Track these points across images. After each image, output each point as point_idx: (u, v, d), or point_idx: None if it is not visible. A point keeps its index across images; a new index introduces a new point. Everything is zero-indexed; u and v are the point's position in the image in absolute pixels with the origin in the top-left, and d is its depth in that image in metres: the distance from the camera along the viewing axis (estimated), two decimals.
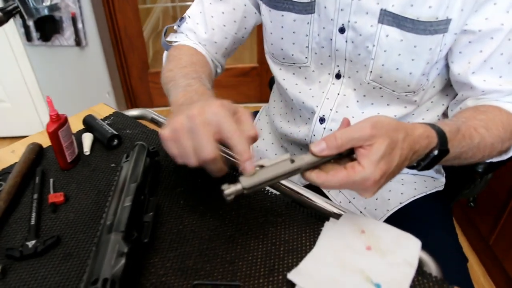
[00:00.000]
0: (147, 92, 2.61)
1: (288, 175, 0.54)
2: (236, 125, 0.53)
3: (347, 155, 0.56)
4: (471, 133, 0.65)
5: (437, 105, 0.85)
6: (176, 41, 0.90)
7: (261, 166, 0.53)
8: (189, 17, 0.90)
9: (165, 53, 0.93)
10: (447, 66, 0.78)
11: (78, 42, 2.05)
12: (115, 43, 2.34)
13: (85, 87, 2.28)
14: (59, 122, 0.74)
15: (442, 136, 0.60)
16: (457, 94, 0.81)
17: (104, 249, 0.55)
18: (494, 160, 0.76)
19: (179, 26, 0.91)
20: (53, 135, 0.73)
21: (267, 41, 0.88)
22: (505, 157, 0.75)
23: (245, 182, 0.52)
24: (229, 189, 0.52)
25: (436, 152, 0.59)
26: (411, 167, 0.61)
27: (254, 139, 0.55)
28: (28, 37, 2.01)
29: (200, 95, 0.64)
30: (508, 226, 1.47)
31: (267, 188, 0.72)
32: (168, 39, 0.92)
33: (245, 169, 0.52)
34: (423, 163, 0.61)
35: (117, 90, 2.40)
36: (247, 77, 2.55)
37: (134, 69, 2.51)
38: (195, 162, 0.54)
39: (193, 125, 0.53)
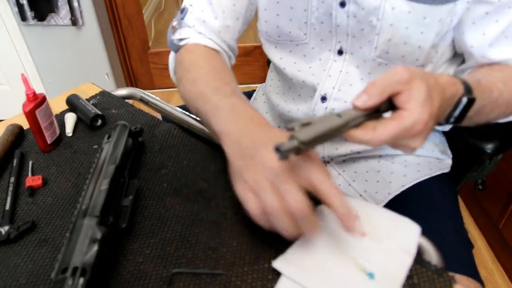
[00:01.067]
0: (148, 73, 2.56)
1: (339, 130, 0.49)
2: (325, 174, 0.50)
3: (384, 110, 0.52)
4: (490, 87, 0.62)
5: (445, 74, 0.80)
6: (182, 38, 0.78)
7: (307, 124, 0.48)
8: (191, 5, 0.78)
9: (172, 54, 0.82)
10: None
11: (74, 22, 2.00)
12: (113, 23, 2.28)
13: (83, 68, 2.23)
14: (36, 101, 0.69)
15: (466, 85, 0.57)
16: (463, 60, 0.76)
17: (77, 235, 0.52)
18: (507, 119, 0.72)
19: (182, 19, 0.79)
20: (30, 115, 0.69)
21: (261, 19, 0.81)
22: None
23: (302, 135, 0.46)
24: (284, 146, 0.45)
25: (465, 100, 0.56)
26: (445, 120, 0.59)
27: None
28: (23, 16, 1.96)
29: (253, 120, 0.58)
30: None
31: None
32: (173, 37, 0.79)
33: (347, 227, 0.48)
34: (454, 113, 0.58)
35: (116, 71, 2.35)
36: (250, 57, 2.48)
37: (134, 49, 2.46)
38: (283, 212, 0.49)
39: (274, 174, 0.49)
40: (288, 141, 0.46)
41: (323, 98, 0.79)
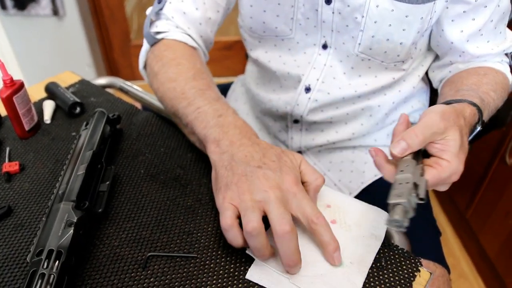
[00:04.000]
0: (130, 65, 2.54)
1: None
2: (316, 206, 0.51)
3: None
4: (489, 101, 0.66)
5: (418, 68, 0.84)
6: (159, 32, 0.75)
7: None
8: None
9: (145, 46, 0.77)
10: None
11: (55, 11, 1.98)
12: (94, 14, 2.26)
13: (64, 59, 2.21)
14: (13, 87, 0.69)
15: (480, 111, 0.61)
16: (436, 55, 0.81)
17: (53, 219, 0.52)
18: None
19: (160, 10, 0.75)
20: (7, 101, 0.69)
21: (244, 15, 0.81)
22: None
23: (406, 201, 0.47)
24: (398, 216, 0.47)
25: (479, 128, 0.62)
26: None
27: (320, 187, 0.56)
28: (2, 5, 1.93)
29: (244, 131, 0.57)
30: (485, 201, 1.47)
31: None
32: (150, 30, 0.76)
33: (333, 261, 0.50)
34: (468, 138, 0.61)
35: (97, 62, 2.33)
36: (231, 51, 2.49)
37: (116, 41, 2.44)
38: (263, 235, 0.48)
39: (266, 197, 0.49)
40: (392, 211, 0.47)
41: (307, 89, 0.81)
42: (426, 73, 0.87)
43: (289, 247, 0.48)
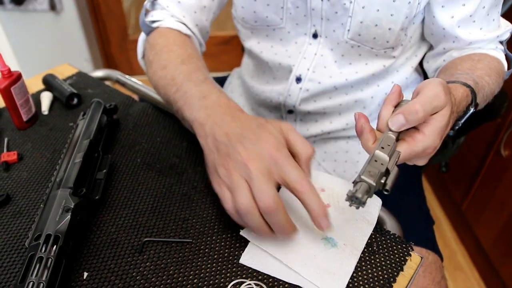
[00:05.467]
0: (127, 60, 2.55)
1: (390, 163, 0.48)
2: (301, 170, 0.49)
3: None
4: (483, 85, 0.66)
5: (411, 58, 0.84)
6: (154, 20, 0.76)
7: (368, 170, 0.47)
8: None
9: (141, 37, 0.79)
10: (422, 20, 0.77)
11: (52, 6, 1.98)
12: (92, 9, 2.26)
13: (62, 54, 2.21)
14: (11, 78, 0.70)
15: (474, 93, 0.59)
16: (430, 46, 0.80)
17: (50, 205, 0.53)
18: None
19: (155, 0, 0.77)
20: (5, 92, 0.70)
21: (236, 4, 0.82)
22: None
23: (369, 178, 0.46)
24: (358, 193, 0.45)
25: (472, 109, 0.59)
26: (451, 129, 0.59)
27: (311, 158, 0.52)
28: None
29: (227, 109, 0.56)
30: (480, 193, 1.49)
31: None
32: (146, 19, 0.77)
33: (320, 226, 0.48)
34: (460, 122, 0.60)
35: (95, 57, 2.34)
36: (229, 45, 2.49)
37: (113, 36, 2.44)
38: (255, 213, 0.48)
39: (248, 172, 0.48)
40: (357, 186, 0.46)
41: (298, 79, 0.82)
42: (420, 64, 0.88)
43: (277, 221, 0.48)
